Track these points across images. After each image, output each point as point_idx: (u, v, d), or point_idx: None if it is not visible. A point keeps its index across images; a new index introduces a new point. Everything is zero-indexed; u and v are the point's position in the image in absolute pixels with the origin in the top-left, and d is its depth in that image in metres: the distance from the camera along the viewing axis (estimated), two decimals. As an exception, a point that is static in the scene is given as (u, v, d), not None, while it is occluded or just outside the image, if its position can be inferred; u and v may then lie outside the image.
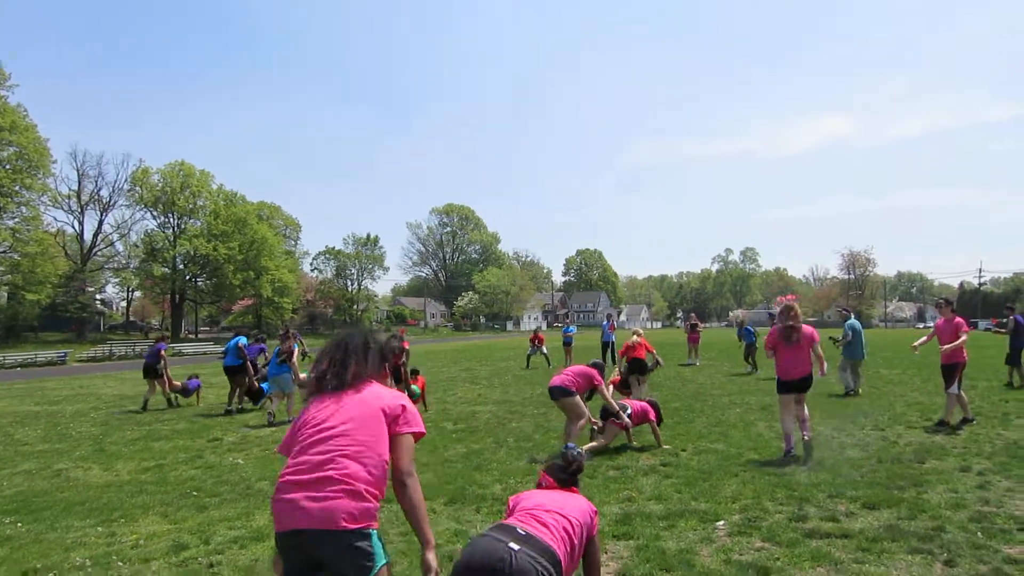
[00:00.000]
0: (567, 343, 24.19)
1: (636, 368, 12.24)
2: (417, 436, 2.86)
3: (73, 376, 27.63)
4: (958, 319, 9.92)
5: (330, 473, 2.60)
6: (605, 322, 23.68)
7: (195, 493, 6.78)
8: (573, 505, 3.36)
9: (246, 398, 13.73)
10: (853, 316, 15.00)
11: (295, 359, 11.98)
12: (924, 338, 10.37)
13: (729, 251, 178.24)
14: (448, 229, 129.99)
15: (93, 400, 16.80)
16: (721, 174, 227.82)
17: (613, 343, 23.26)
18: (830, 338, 15.19)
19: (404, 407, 2.85)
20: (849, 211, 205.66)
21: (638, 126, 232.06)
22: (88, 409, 14.77)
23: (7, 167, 51.48)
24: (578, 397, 8.02)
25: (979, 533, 4.96)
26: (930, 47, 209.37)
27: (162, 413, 13.47)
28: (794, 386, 7.81)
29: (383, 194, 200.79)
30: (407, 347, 12.18)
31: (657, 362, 13.22)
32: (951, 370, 9.51)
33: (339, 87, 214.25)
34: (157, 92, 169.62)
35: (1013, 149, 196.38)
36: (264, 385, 13.45)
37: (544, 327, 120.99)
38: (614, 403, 8.22)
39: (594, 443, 8.02)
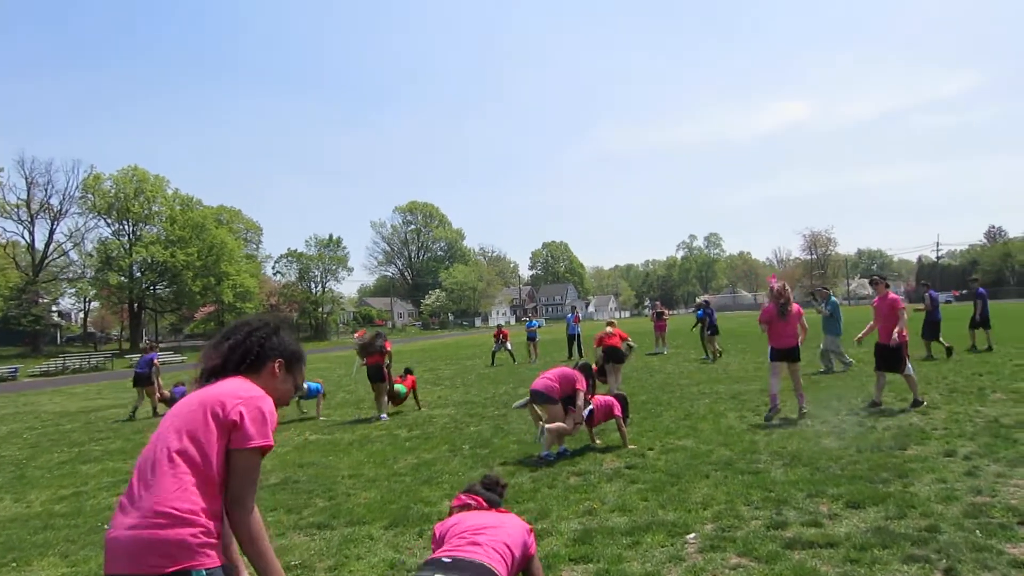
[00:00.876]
0: (531, 338, 23.73)
1: (612, 356, 12.39)
2: (263, 450, 2.19)
3: (20, 392, 26.48)
4: (892, 295, 9.66)
5: (143, 496, 2.01)
6: (570, 314, 23.20)
7: (106, 526, 6.04)
8: (508, 523, 3.07)
9: None
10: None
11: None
12: (865, 329, 10.01)
13: (693, 237, 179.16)
14: (413, 227, 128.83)
15: (31, 419, 15.83)
16: (682, 160, 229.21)
17: (579, 335, 22.78)
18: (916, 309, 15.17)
19: (244, 414, 2.15)
20: (808, 192, 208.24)
21: (599, 112, 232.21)
22: (23, 429, 13.86)
23: (-53, 177, 49.69)
24: (560, 404, 7.56)
25: (977, 531, 4.42)
26: (880, 24, 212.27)
27: (99, 432, 12.61)
28: (785, 354, 9.09)
29: (345, 194, 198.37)
30: (389, 348, 11.93)
31: (630, 346, 13.59)
32: (898, 352, 9.19)
33: (295, 83, 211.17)
34: (104, 95, 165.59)
35: (964, 123, 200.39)
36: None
37: (512, 321, 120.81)
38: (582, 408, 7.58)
39: (557, 424, 7.33)
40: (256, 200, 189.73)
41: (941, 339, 15.26)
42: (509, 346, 23.03)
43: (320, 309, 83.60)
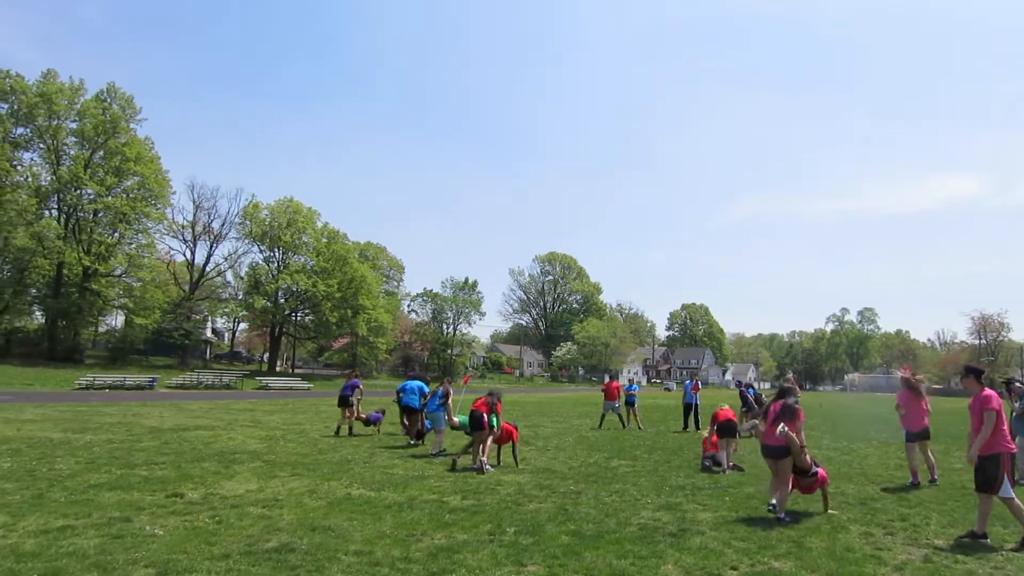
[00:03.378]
0: (629, 402, 21.47)
1: (725, 431, 12.13)
2: None
3: (146, 402, 27.36)
4: (986, 392, 7.35)
5: None
6: (688, 382, 21.16)
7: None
8: None
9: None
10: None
11: (450, 401, 13.45)
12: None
13: (845, 311, 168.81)
14: (550, 277, 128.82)
15: (122, 431, 15.78)
16: (838, 230, 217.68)
17: (697, 405, 20.71)
18: None
19: None
20: (978, 273, 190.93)
21: (748, 177, 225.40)
22: (102, 441, 13.69)
23: (130, 196, 54.11)
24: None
25: None
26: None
27: (163, 455, 12.13)
28: (918, 435, 11.00)
29: (487, 239, 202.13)
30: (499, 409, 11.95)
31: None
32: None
33: (449, 130, 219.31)
34: (266, 126, 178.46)
35: None
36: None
37: (644, 382, 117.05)
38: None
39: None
40: (401, 239, 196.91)
41: None
42: (618, 405, 20.98)
43: (449, 350, 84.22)
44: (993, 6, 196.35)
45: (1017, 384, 12.88)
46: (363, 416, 17.08)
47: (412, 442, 14.65)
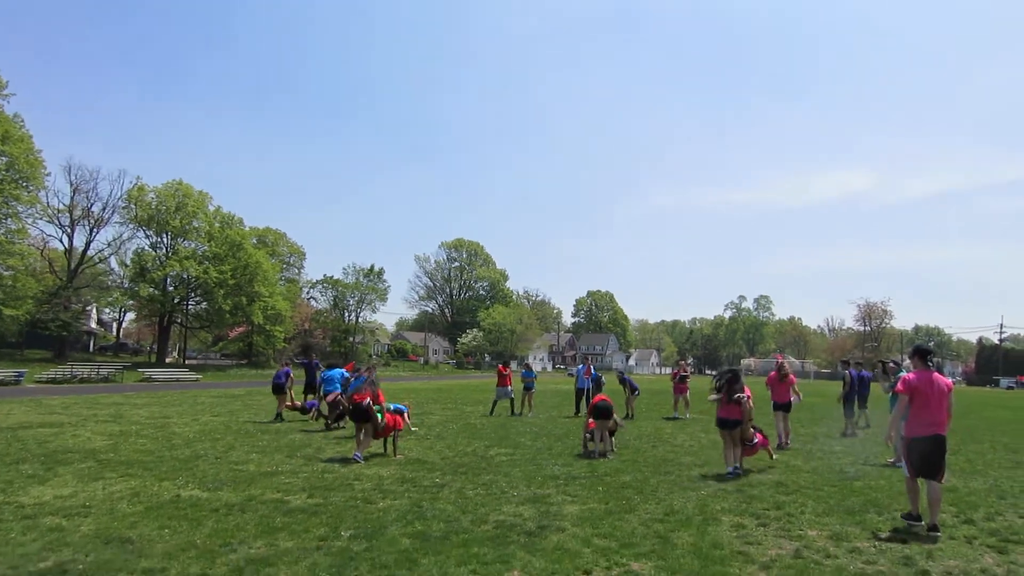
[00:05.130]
0: (528, 388, 21.07)
1: (599, 413, 11.63)
2: None
3: (4, 399, 24.97)
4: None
5: None
6: (580, 366, 20.73)
7: None
8: None
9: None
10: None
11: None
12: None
13: (743, 298, 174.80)
14: (457, 264, 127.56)
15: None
16: (738, 222, 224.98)
17: (589, 389, 20.31)
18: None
19: None
20: (865, 263, 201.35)
21: (652, 169, 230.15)
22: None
23: (-3, 177, 49.76)
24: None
25: None
26: (953, 104, 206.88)
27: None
28: (782, 407, 13.45)
29: (393, 227, 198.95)
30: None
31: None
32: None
33: (357, 116, 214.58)
34: (163, 112, 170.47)
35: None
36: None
37: (548, 368, 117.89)
38: None
39: None
40: (308, 226, 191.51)
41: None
42: (511, 390, 20.39)
43: (351, 338, 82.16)
44: (879, 8, 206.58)
45: (891, 364, 13.17)
46: (297, 404, 17.26)
47: (333, 425, 15.29)
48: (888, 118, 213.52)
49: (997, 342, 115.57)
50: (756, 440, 10.45)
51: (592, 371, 20.97)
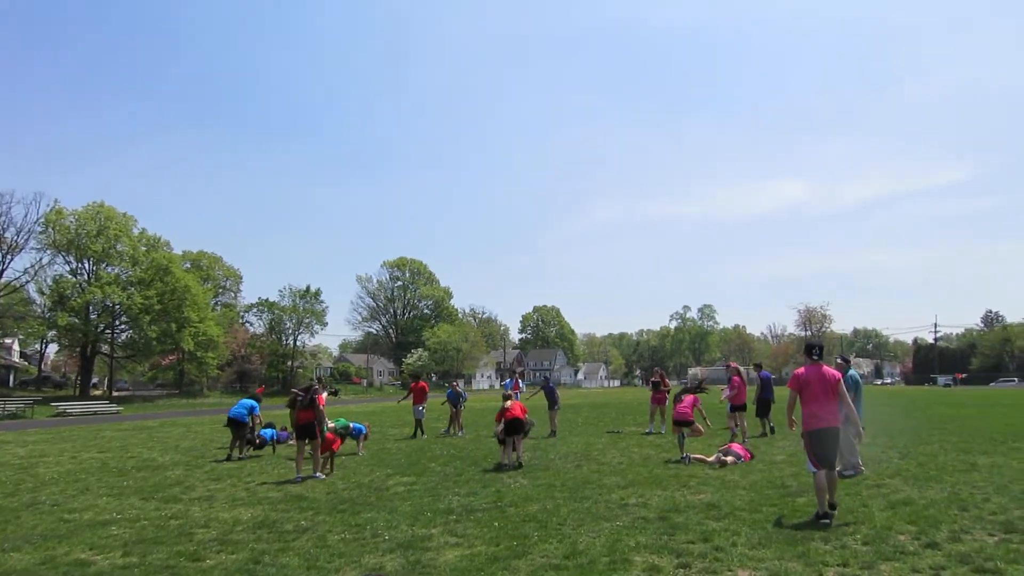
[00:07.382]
0: (453, 402, 19.67)
1: (513, 428, 12.08)
2: None
3: None
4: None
5: None
6: (508, 381, 19.53)
7: None
8: None
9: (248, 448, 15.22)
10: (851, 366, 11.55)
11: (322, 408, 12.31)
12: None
13: (687, 308, 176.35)
14: (400, 283, 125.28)
15: None
16: (680, 234, 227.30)
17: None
18: None
19: None
20: (805, 271, 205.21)
21: (593, 184, 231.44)
22: None
23: None
24: None
25: None
26: (882, 111, 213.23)
27: None
28: (737, 408, 15.59)
29: (334, 248, 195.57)
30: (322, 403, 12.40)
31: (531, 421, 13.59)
32: None
33: (297, 136, 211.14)
34: (93, 136, 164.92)
35: (961, 211, 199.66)
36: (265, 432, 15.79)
37: (495, 385, 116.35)
38: None
39: None
40: (243, 250, 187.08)
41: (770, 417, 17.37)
42: (422, 410, 18.91)
43: (289, 363, 79.44)
44: (815, 24, 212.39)
45: (841, 361, 12.22)
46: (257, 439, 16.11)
47: (241, 456, 14.84)
48: (816, 130, 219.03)
49: (932, 341, 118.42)
50: (743, 457, 11.90)
51: (521, 385, 19.81)
